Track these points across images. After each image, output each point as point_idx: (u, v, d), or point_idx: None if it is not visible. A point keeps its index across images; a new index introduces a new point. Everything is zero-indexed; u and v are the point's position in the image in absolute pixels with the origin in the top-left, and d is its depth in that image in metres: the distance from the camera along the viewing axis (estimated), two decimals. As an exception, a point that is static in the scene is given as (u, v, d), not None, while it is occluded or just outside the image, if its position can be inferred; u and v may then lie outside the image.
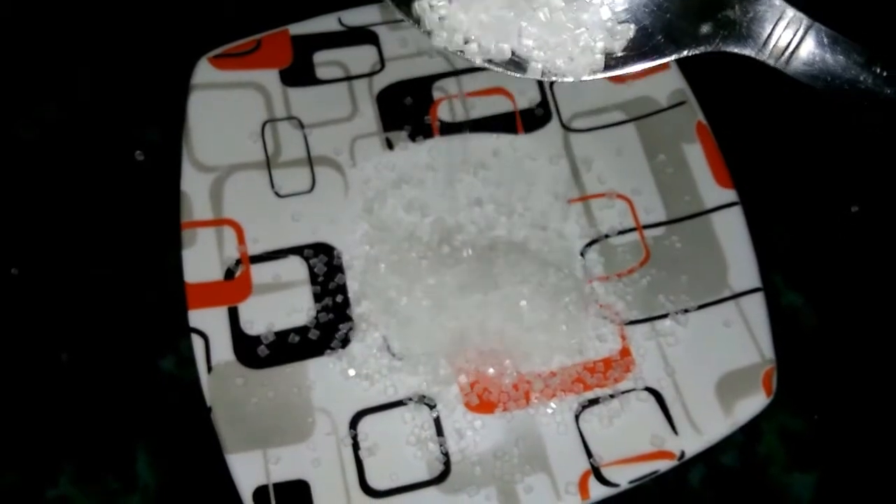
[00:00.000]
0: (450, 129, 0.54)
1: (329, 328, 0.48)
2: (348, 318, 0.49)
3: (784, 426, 0.50)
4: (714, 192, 0.52)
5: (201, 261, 0.50)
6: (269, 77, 0.55)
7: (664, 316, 0.50)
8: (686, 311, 0.50)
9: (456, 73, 0.56)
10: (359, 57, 0.55)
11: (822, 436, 0.50)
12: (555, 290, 0.49)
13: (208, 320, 0.48)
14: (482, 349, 0.48)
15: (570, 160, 0.54)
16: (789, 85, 0.40)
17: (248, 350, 0.47)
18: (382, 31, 0.56)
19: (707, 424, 0.46)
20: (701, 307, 0.50)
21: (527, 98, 0.56)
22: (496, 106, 0.56)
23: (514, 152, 0.54)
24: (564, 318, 0.49)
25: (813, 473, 0.49)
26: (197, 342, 0.47)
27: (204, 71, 0.53)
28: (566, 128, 0.55)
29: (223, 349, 0.48)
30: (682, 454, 0.46)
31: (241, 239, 0.51)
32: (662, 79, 0.55)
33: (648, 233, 0.52)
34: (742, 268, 0.50)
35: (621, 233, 0.52)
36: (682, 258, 0.51)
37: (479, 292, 0.49)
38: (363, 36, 0.56)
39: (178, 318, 0.48)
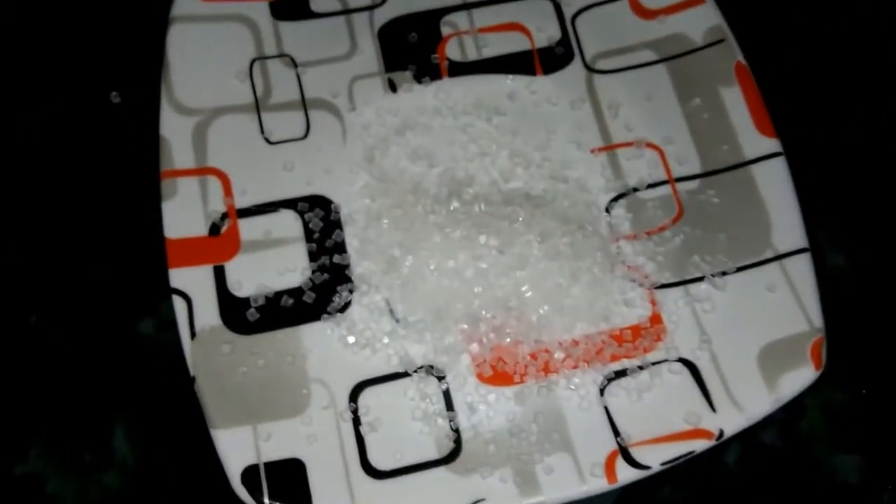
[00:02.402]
0: (460, 69, 0.50)
1: (326, 290, 0.44)
2: (347, 280, 0.44)
3: (829, 401, 0.45)
4: (755, 140, 0.47)
5: (183, 214, 0.45)
6: (259, 9, 0.49)
7: (699, 279, 0.45)
8: (724, 273, 0.45)
9: (467, 6, 0.50)
10: (359, -12, 0.50)
11: (871, 412, 0.45)
12: (577, 250, 0.44)
13: (191, 280, 0.43)
14: (496, 314, 0.43)
15: (594, 105, 0.49)
16: (840, 20, 0.34)
17: (236, 314, 0.43)
18: (386, -41, 0.50)
19: (748, 400, 0.41)
20: (740, 269, 0.45)
21: (546, 35, 0.50)
22: (512, 44, 0.50)
23: (531, 96, 0.49)
24: (588, 280, 0.43)
25: (861, 454, 0.44)
26: (179, 304, 0.43)
27: (185, 1, 0.48)
28: (590, 69, 0.50)
29: (208, 312, 0.43)
30: (721, 433, 0.41)
31: (227, 190, 0.46)
32: (697, 14, 0.49)
33: (681, 186, 0.47)
34: (786, 225, 0.45)
35: (651, 186, 0.47)
36: (720, 214, 0.46)
37: (492, 251, 0.44)
38: (364, -36, 0.50)
39: (157, 278, 0.44)
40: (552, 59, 0.50)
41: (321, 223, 0.45)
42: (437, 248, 0.44)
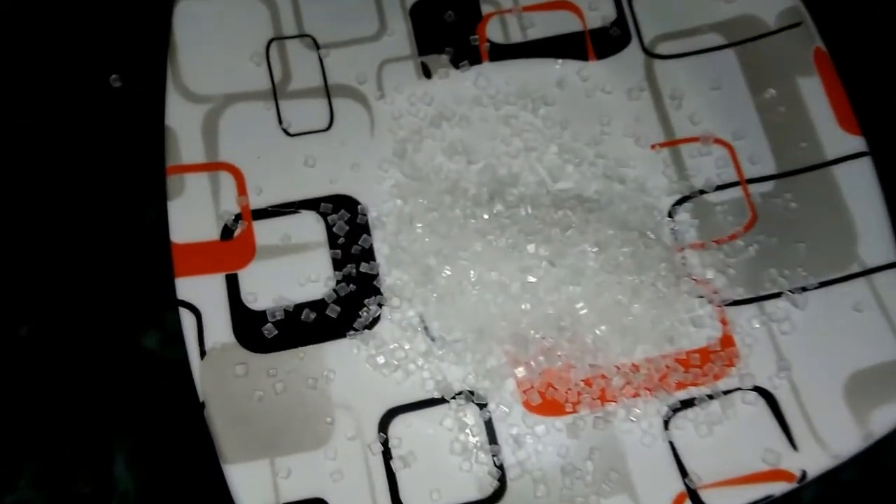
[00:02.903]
0: (502, 52, 0.44)
1: (352, 303, 0.40)
2: (376, 292, 0.39)
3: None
4: (837, 138, 0.41)
5: (191, 216, 0.40)
6: (276, -17, 0.43)
7: (776, 295, 0.39)
8: (804, 289, 0.39)
9: (512, -19, 0.45)
10: (388, -41, 0.44)
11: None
12: (638, 261, 0.39)
13: (200, 291, 0.38)
14: (546, 334, 0.38)
15: (654, 94, 0.43)
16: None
17: (251, 330, 0.39)
18: (419, -74, 0.44)
19: (834, 437, 0.36)
20: (823, 285, 0.39)
21: (599, 15, 0.44)
22: (561, 24, 0.45)
23: (582, 83, 0.44)
24: (650, 296, 0.38)
25: (955, 494, 0.39)
26: (187, 319, 0.38)
27: (192, -28, 0.42)
28: (649, 53, 0.44)
29: (219, 328, 0.38)
30: (804, 475, 0.36)
31: (241, 188, 0.40)
32: (773, -8, 0.44)
33: (755, 188, 0.42)
34: (875, 236, 0.40)
35: (720, 188, 0.42)
36: (798, 222, 0.41)
37: (542, 262, 0.38)
38: (395, -68, 0.44)
39: (162, 287, 0.39)
40: (606, 41, 0.44)
41: (347, 227, 0.40)
42: (479, 258, 0.39)
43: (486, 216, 0.40)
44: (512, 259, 0.38)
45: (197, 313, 0.38)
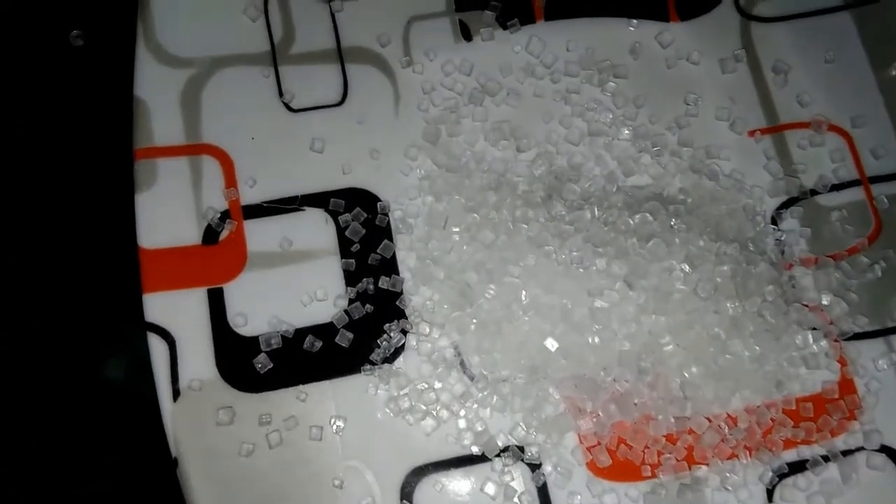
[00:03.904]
0: (562, 8, 0.36)
1: (369, 329, 0.32)
2: (399, 314, 0.31)
3: None
4: None
5: (165, 213, 0.32)
6: (277, -85, 0.35)
7: (908, 327, 0.31)
8: (948, 320, 0.31)
9: (572, -81, 0.36)
10: None
11: None
12: (737, 282, 0.30)
13: (175, 311, 0.31)
14: (619, 375, 0.29)
15: (753, 66, 0.35)
16: None
17: (239, 362, 0.31)
18: None
19: None
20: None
21: (682, -37, 0.36)
22: None
23: (662, 51, 0.35)
24: (752, 327, 0.30)
25: None
26: (157, 347, 0.30)
27: None
28: (745, 14, 0.35)
29: (199, 360, 0.31)
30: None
31: (229, 178, 0.32)
32: (904, -61, 0.35)
33: (879, 189, 0.34)
34: None
35: (836, 187, 0.34)
36: (937, 233, 0.32)
37: (612, 280, 0.30)
38: None
39: (127, 305, 0.30)
40: None
41: (363, 230, 0.32)
42: (532, 275, 0.30)
43: (541, 220, 0.31)
44: (575, 277, 0.30)
45: (170, 340, 0.30)
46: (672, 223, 0.32)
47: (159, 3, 0.33)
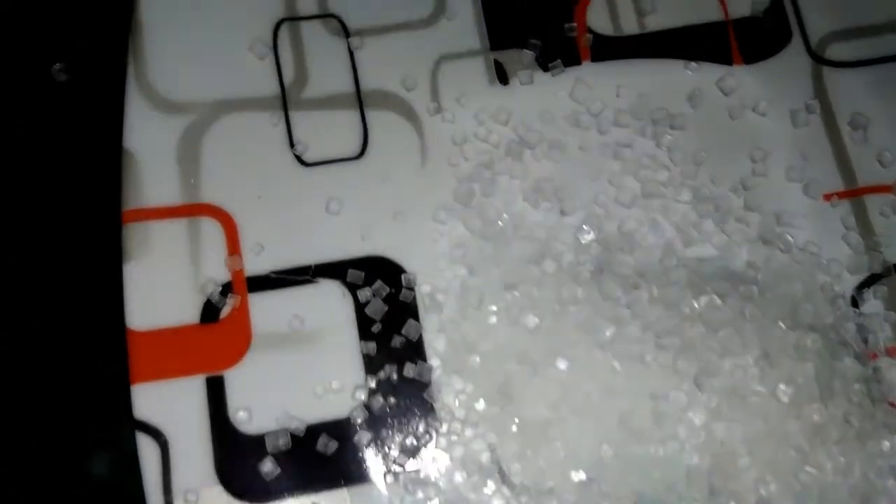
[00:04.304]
0: (610, 49, 0.32)
1: (392, 426, 0.27)
2: (426, 409, 0.27)
3: None
4: None
5: (158, 286, 0.28)
6: (289, -64, 0.30)
7: None
8: None
9: (627, -58, 0.31)
10: None
11: None
12: (822, 382, 0.26)
13: (169, 405, 0.26)
14: (687, 493, 0.25)
15: (827, 119, 0.31)
16: None
17: (243, 467, 0.27)
18: None
19: None
20: None
21: (748, -2, 0.31)
22: (693, 9, 0.32)
23: (725, 98, 0.30)
24: (836, 434, 0.26)
25: None
26: (147, 449, 0.25)
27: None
28: (817, 57, 0.31)
29: (196, 464, 0.26)
30: None
31: (232, 245, 0.28)
32: None
33: None
34: None
35: (926, 264, 0.30)
36: None
37: (678, 379, 0.26)
38: None
39: (114, 397, 0.26)
40: (758, 37, 0.31)
41: (385, 307, 0.28)
42: (583, 368, 0.26)
43: (592, 298, 0.27)
44: (634, 374, 0.26)
45: (162, 441, 0.26)
46: (743, 308, 0.28)
47: (153, 39, 0.28)
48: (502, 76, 0.30)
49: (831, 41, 0.32)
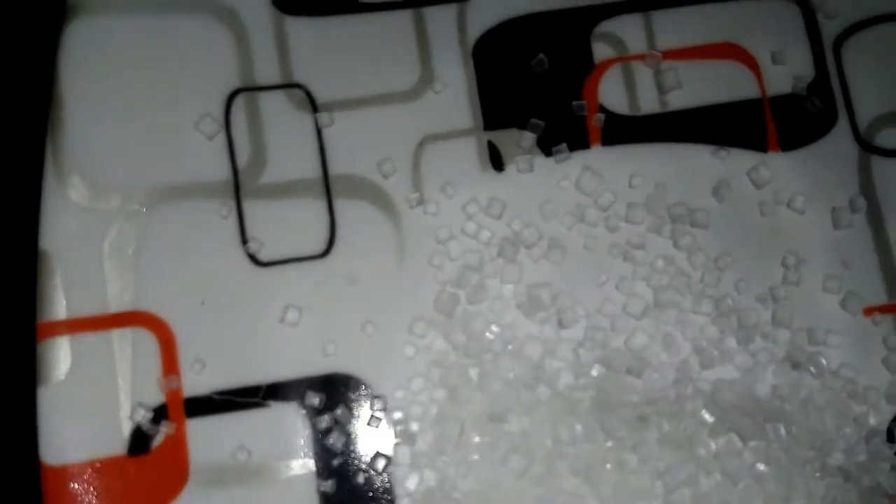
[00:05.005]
0: (624, 130, 0.27)
1: (351, 580, 0.22)
2: (393, 560, 0.23)
3: None
4: None
5: (78, 412, 0.23)
6: (247, -10, 0.26)
7: None
8: None
9: (647, 3, 0.27)
10: (442, -46, 0.26)
11: None
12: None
13: None
14: None
15: (874, 218, 0.26)
16: None
17: None
18: None
19: None
20: None
21: (787, 72, 0.27)
22: (724, 84, 0.28)
23: (757, 192, 0.26)
24: None
25: None
26: None
27: (96, -31, 0.24)
28: (866, 145, 0.27)
29: None
30: None
31: (168, 360, 0.24)
32: None
33: None
34: None
35: (974, 393, 0.25)
36: None
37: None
38: None
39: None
40: (799, 118, 0.27)
41: (348, 435, 0.24)
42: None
43: (593, 437, 0.23)
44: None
45: None
46: (766, 448, 0.24)
47: (78, 114, 0.24)
48: (497, 161, 0.26)
49: (884, 125, 0.27)
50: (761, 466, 0.23)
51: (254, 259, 0.25)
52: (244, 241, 0.25)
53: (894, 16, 0.28)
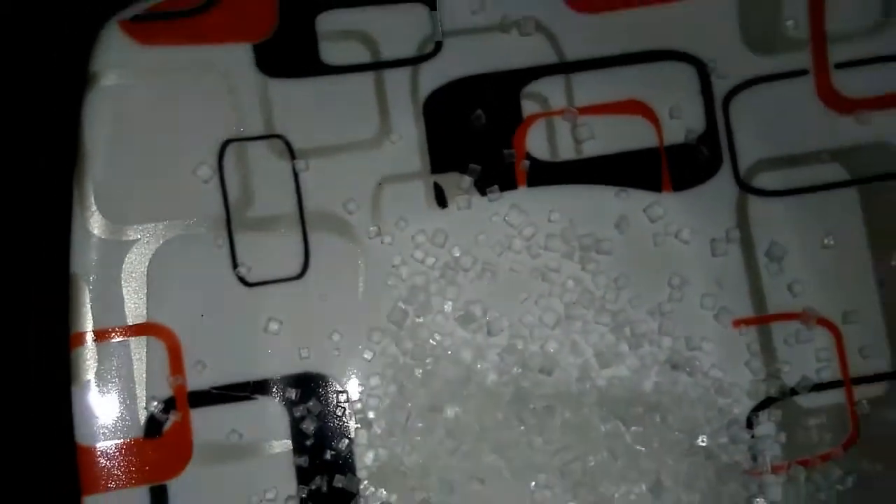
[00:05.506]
0: (547, 174, 0.32)
1: (321, 532, 0.29)
2: (354, 516, 0.30)
3: None
4: (980, 335, 0.31)
5: (104, 404, 0.29)
6: (235, 57, 0.30)
7: (872, 540, 0.30)
8: (909, 537, 0.30)
9: (566, 67, 0.32)
10: (397, 26, 0.31)
11: None
12: (700, 487, 0.29)
13: None
14: None
15: (747, 247, 0.32)
16: None
17: None
18: (444, -22, 0.31)
19: None
20: (934, 535, 0.30)
21: (682, 125, 0.32)
22: (629, 135, 0.33)
23: (651, 225, 0.32)
24: (715, 552, 0.29)
25: None
26: (95, 557, 0.28)
27: (113, 46, 0.29)
28: (744, 185, 0.32)
29: None
30: None
31: (175, 364, 0.30)
32: (924, 115, 0.32)
33: (862, 391, 0.32)
34: None
35: (818, 387, 0.32)
36: (913, 446, 0.31)
37: (576, 497, 0.29)
38: (408, -15, 0.31)
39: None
40: (689, 165, 0.33)
41: (318, 423, 0.30)
42: (497, 490, 0.29)
43: (512, 423, 0.29)
44: (540, 499, 0.29)
45: (109, 551, 0.28)
46: (644, 435, 0.30)
47: (98, 165, 0.29)
48: (441, 199, 0.32)
49: (760, 169, 0.33)
50: (638, 447, 0.30)
51: (243, 280, 0.31)
52: (235, 265, 0.30)
53: (775, 77, 0.34)
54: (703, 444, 0.30)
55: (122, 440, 0.29)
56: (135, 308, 0.29)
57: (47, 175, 0.30)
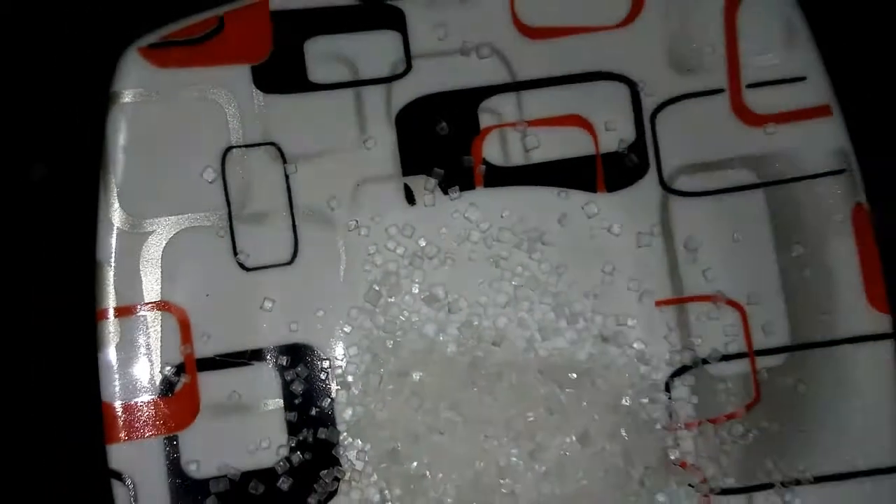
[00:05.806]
0: (500, 177, 0.38)
1: (307, 475, 0.36)
2: (334, 462, 0.35)
3: None
4: (862, 314, 0.37)
5: (126, 368, 0.35)
6: (236, 77, 0.36)
7: (767, 486, 0.36)
8: (798, 482, 0.36)
9: (518, 85, 0.37)
10: (373, 50, 0.37)
11: None
12: (626, 458, 0.35)
13: (136, 459, 0.34)
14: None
15: (667, 240, 0.38)
16: None
17: (191, 502, 0.34)
18: (413, 10, 0.36)
19: None
20: (819, 480, 0.36)
21: (615, 136, 0.38)
22: (570, 144, 0.38)
23: (587, 221, 0.38)
24: (634, 485, 0.35)
25: None
26: (119, 493, 0.33)
27: (132, 69, 0.34)
28: (667, 187, 0.38)
29: (157, 502, 0.34)
30: None
31: (185, 335, 0.35)
32: (819, 130, 0.37)
33: (763, 361, 0.38)
34: (886, 434, 0.36)
35: (726, 358, 0.38)
36: (805, 407, 0.37)
37: (518, 446, 0.35)
38: (382, 16, 0.36)
39: (94, 453, 0.34)
40: (620, 169, 0.38)
41: (305, 384, 0.36)
42: (453, 440, 0.34)
43: (466, 387, 0.35)
44: (489, 447, 0.34)
45: (131, 487, 0.34)
46: (577, 395, 0.36)
47: (120, 169, 0.34)
48: (410, 198, 0.37)
49: (681, 173, 0.38)
50: (571, 405, 0.36)
51: (242, 266, 0.36)
52: (235, 253, 0.36)
53: (695, 94, 0.38)
54: (627, 404, 0.36)
55: (140, 399, 0.34)
56: (151, 288, 0.35)
57: (79, 179, 0.35)
